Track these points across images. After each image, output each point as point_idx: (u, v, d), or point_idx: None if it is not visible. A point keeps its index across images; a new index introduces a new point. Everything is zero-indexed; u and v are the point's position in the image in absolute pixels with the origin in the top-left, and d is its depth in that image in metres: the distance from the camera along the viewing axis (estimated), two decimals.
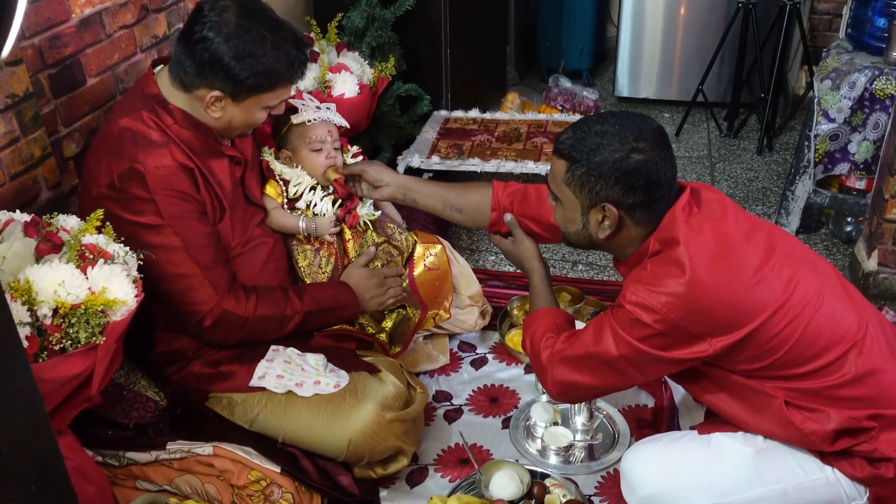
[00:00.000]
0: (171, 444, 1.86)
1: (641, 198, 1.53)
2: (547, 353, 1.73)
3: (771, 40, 3.81)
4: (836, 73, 2.95)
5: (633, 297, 1.53)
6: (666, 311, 1.49)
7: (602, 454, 2.10)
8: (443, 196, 2.07)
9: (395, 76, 3.04)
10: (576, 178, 1.56)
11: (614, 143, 1.52)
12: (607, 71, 4.93)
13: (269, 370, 1.91)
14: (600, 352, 1.60)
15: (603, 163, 1.52)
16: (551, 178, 1.64)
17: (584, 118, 1.62)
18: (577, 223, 1.63)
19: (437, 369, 2.41)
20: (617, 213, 1.55)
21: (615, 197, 1.54)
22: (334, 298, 2.05)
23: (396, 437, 1.90)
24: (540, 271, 1.94)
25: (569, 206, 1.62)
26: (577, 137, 1.56)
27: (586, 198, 1.57)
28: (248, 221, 1.99)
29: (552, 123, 3.35)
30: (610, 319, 1.60)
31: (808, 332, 1.51)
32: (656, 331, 1.52)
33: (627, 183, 1.52)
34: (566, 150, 1.57)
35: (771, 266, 1.52)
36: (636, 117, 1.58)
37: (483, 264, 3.03)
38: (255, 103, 1.80)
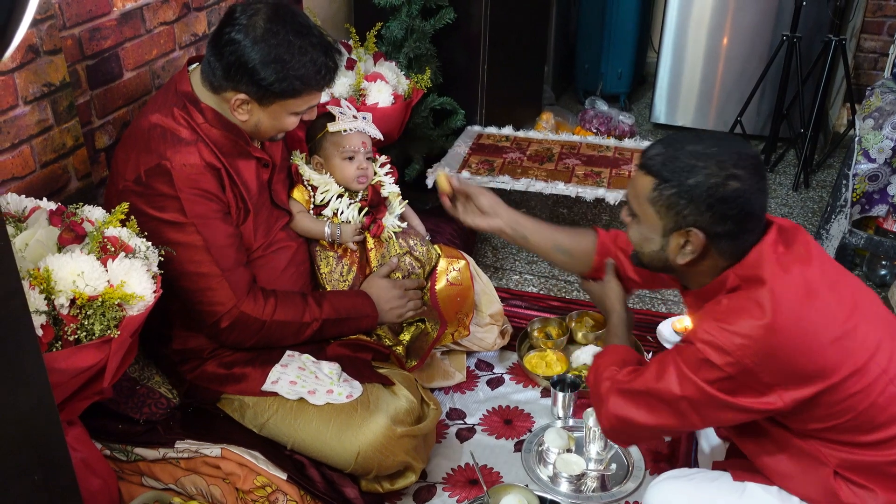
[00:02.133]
0: (179, 442, 1.85)
1: (731, 228, 1.44)
2: (607, 384, 1.62)
3: (814, 75, 3.76)
4: (879, 113, 2.90)
5: (704, 335, 1.42)
6: (740, 353, 1.39)
7: (615, 485, 2.05)
8: (552, 237, 1.95)
9: (431, 89, 3.03)
10: (663, 198, 1.45)
11: (711, 166, 1.41)
12: (645, 96, 4.90)
13: (282, 375, 1.89)
14: (661, 389, 1.49)
15: (697, 186, 1.42)
16: (633, 193, 1.53)
17: (675, 135, 1.51)
18: (654, 244, 1.52)
19: (453, 386, 2.38)
20: (703, 240, 1.45)
21: (704, 223, 1.44)
22: (353, 308, 2.03)
23: (406, 452, 1.88)
24: (620, 314, 1.83)
25: (649, 225, 1.51)
26: (670, 155, 1.45)
27: (671, 220, 1.47)
28: (273, 224, 1.98)
29: (585, 146, 3.32)
30: (675, 356, 1.49)
31: (881, 400, 1.42)
32: (726, 374, 1.41)
33: (720, 211, 1.42)
34: (655, 168, 1.46)
35: (854, 323, 1.42)
36: (734, 141, 1.49)
37: (506, 283, 3.00)
38: (281, 109, 1.79)
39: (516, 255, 3.19)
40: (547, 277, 3.04)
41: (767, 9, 4.04)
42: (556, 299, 2.87)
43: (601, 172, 3.06)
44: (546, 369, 2.43)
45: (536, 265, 3.12)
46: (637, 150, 3.28)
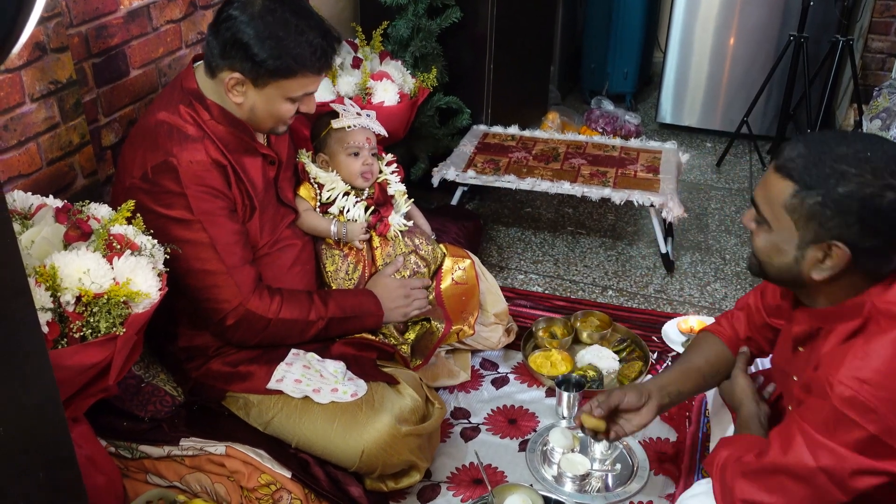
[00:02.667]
0: (184, 440, 1.85)
1: (881, 244, 1.27)
2: (732, 468, 1.43)
3: (821, 76, 3.75)
4: (886, 114, 2.89)
5: (841, 388, 1.23)
6: (885, 409, 1.21)
7: (619, 485, 2.05)
8: (696, 369, 1.77)
9: (437, 88, 3.03)
10: (805, 207, 1.29)
11: (865, 173, 1.24)
12: (651, 96, 4.89)
13: (287, 374, 1.89)
14: (791, 464, 1.30)
15: (848, 196, 1.24)
16: (765, 197, 1.37)
17: (818, 134, 1.32)
18: (787, 256, 1.36)
19: (457, 385, 2.38)
20: (848, 256, 1.28)
21: (850, 237, 1.27)
22: (358, 306, 2.03)
23: (410, 451, 1.87)
24: (749, 409, 1.64)
25: (782, 234, 1.35)
26: (815, 158, 1.28)
27: (811, 231, 1.30)
28: (279, 222, 1.99)
29: (591, 146, 3.32)
30: (799, 422, 1.31)
31: None
32: (868, 433, 1.22)
33: (872, 225, 1.25)
34: (797, 172, 1.30)
35: None
36: (886, 143, 1.30)
37: (511, 283, 3.00)
38: (276, 91, 1.77)
39: (521, 255, 3.19)
40: (552, 277, 3.04)
41: (774, 8, 4.03)
42: (561, 299, 2.87)
43: (607, 172, 3.06)
44: (551, 369, 2.43)
45: (541, 265, 3.12)
46: (643, 150, 3.27)
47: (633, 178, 3.01)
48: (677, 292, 2.96)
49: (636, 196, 2.87)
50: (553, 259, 3.17)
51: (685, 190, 3.75)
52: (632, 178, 3.01)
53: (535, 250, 3.23)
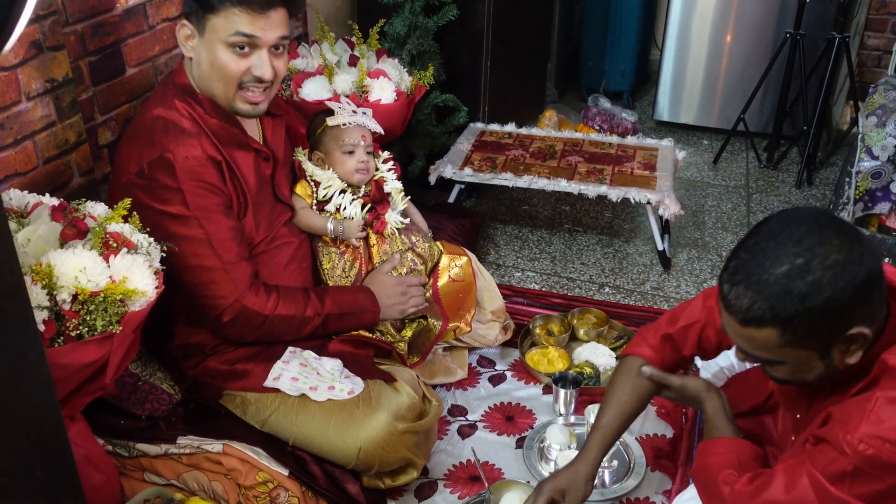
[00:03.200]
0: (181, 438, 1.85)
1: (880, 300, 1.26)
2: (727, 490, 1.43)
3: (817, 73, 3.75)
4: (882, 111, 2.89)
5: (862, 446, 1.22)
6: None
7: (616, 482, 2.05)
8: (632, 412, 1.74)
9: (434, 85, 3.03)
10: (798, 335, 1.25)
11: (820, 271, 1.21)
12: (648, 94, 4.89)
13: (284, 372, 1.90)
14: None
15: (831, 300, 1.20)
16: (756, 348, 1.31)
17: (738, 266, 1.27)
18: (816, 369, 1.31)
19: (454, 383, 2.38)
20: (868, 332, 1.25)
21: (857, 319, 1.24)
22: (355, 303, 2.03)
23: (408, 448, 1.88)
24: (712, 402, 1.66)
25: (800, 362, 1.30)
26: (769, 297, 1.23)
27: (821, 343, 1.26)
28: (275, 219, 1.99)
29: (588, 143, 3.32)
30: (809, 467, 1.30)
31: None
32: (887, 486, 1.22)
33: (866, 295, 1.22)
34: (767, 318, 1.24)
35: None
36: (799, 223, 1.26)
37: (508, 280, 3.00)
38: (212, 34, 1.72)
39: (518, 253, 3.19)
40: (549, 275, 3.04)
41: (771, 5, 4.03)
42: (558, 296, 2.87)
43: (604, 170, 3.06)
44: (548, 366, 2.43)
45: (538, 262, 3.12)
46: (640, 148, 3.28)
47: (629, 176, 3.01)
48: (674, 289, 2.96)
49: (633, 193, 2.87)
50: (550, 256, 3.17)
51: (682, 187, 3.76)
52: (628, 176, 3.01)
53: (532, 248, 3.23)
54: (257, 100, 1.81)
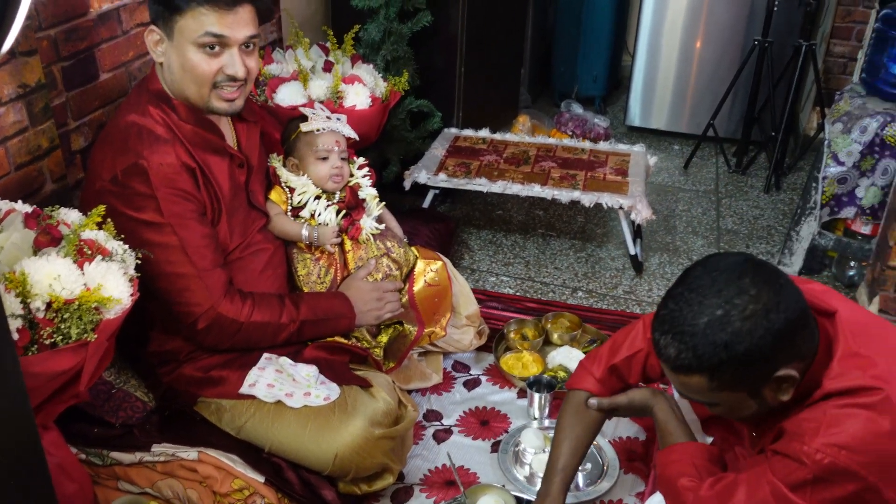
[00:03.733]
0: (156, 446, 1.84)
1: (807, 338, 1.32)
2: (690, 497, 1.47)
3: (784, 80, 3.81)
4: (847, 117, 2.95)
5: (819, 455, 1.26)
6: (866, 471, 1.24)
7: (590, 484, 2.07)
8: (586, 445, 1.81)
9: (408, 91, 3.04)
10: (726, 381, 1.31)
11: (739, 322, 1.27)
12: (620, 100, 4.94)
13: (260, 378, 1.90)
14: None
15: (752, 350, 1.27)
16: (692, 392, 1.37)
17: (665, 316, 1.33)
18: (751, 408, 1.38)
19: (430, 388, 2.39)
20: (796, 373, 1.31)
21: (788, 359, 1.30)
22: (330, 309, 2.04)
23: (384, 453, 1.88)
24: (660, 406, 1.72)
25: (734, 403, 1.37)
26: (694, 345, 1.29)
27: (751, 384, 1.33)
28: (249, 226, 1.98)
29: (561, 148, 3.35)
30: (770, 477, 1.33)
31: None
32: (847, 492, 1.26)
33: (787, 340, 1.28)
34: (694, 365, 1.30)
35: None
36: (719, 274, 1.32)
37: (483, 285, 3.02)
38: (181, 37, 1.72)
39: (493, 258, 3.21)
40: (523, 279, 3.06)
41: (740, 13, 4.10)
42: (532, 301, 2.89)
43: (576, 175, 3.09)
44: (522, 370, 2.45)
45: (512, 267, 3.15)
46: (612, 153, 3.31)
47: (602, 181, 3.04)
48: (646, 293, 3.00)
49: (605, 198, 2.90)
50: (524, 261, 3.19)
51: (653, 192, 3.80)
52: (601, 181, 3.04)
53: (506, 252, 3.26)
54: (233, 97, 1.81)
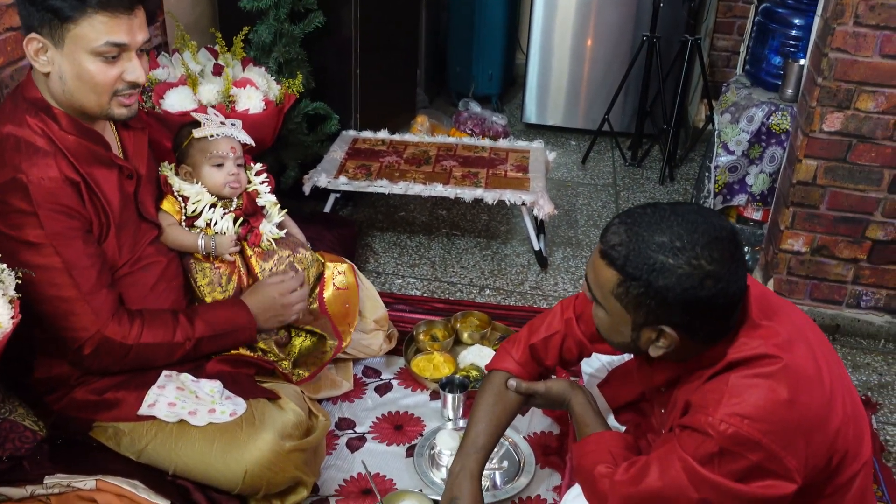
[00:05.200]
0: (48, 477, 1.72)
1: (710, 322, 1.31)
2: (606, 483, 1.46)
3: (673, 74, 3.94)
4: (735, 108, 3.06)
5: (723, 426, 1.27)
6: (768, 440, 1.25)
7: (507, 482, 2.06)
8: (503, 424, 1.79)
9: (303, 94, 2.98)
10: (630, 296, 1.31)
11: (682, 264, 1.26)
12: (516, 97, 4.99)
13: (160, 397, 1.80)
14: (671, 493, 1.34)
15: (668, 289, 1.27)
16: (595, 282, 1.38)
17: (637, 216, 1.33)
18: (624, 336, 1.39)
19: (340, 396, 2.33)
20: (677, 337, 1.33)
21: (678, 322, 1.31)
22: (229, 321, 1.94)
23: (296, 467, 1.82)
24: (577, 399, 1.72)
25: (616, 318, 1.37)
26: (634, 248, 1.29)
27: (640, 316, 1.33)
28: (140, 239, 1.88)
29: (462, 147, 3.35)
30: (680, 452, 1.33)
31: (849, 443, 1.35)
32: (751, 462, 1.27)
33: (695, 311, 1.29)
34: (619, 262, 1.31)
35: (826, 369, 1.34)
36: (706, 221, 1.30)
37: (389, 287, 2.98)
38: (75, 46, 1.59)
39: (398, 259, 3.17)
40: (430, 280, 3.04)
41: (628, 10, 4.21)
42: (440, 301, 2.87)
43: (478, 173, 3.09)
44: (434, 372, 2.43)
45: (418, 268, 3.12)
46: (512, 150, 3.33)
47: (503, 178, 3.06)
48: (552, 287, 3.02)
49: (508, 195, 2.91)
50: (429, 262, 3.17)
51: (553, 188, 3.85)
52: (503, 178, 3.06)
53: (411, 254, 3.23)
54: (131, 102, 1.71)
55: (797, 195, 2.64)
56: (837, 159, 2.55)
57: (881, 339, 2.76)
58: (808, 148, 2.56)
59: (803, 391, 1.29)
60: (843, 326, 2.78)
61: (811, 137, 2.55)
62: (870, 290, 2.73)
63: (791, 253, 2.73)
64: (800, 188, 2.63)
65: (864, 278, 2.71)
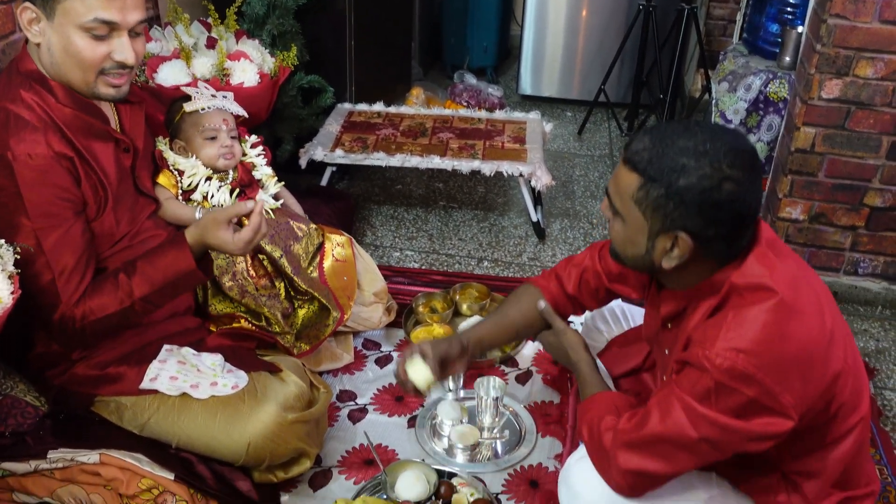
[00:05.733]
0: (52, 452, 1.72)
1: (723, 232, 1.33)
2: (609, 436, 1.47)
3: (669, 43, 3.91)
4: (732, 76, 3.04)
5: (720, 360, 1.29)
6: (762, 374, 1.27)
7: (508, 451, 2.07)
8: (510, 323, 1.89)
9: (298, 67, 2.94)
10: (650, 199, 1.33)
11: (704, 166, 1.28)
12: (511, 69, 4.96)
13: (161, 371, 1.80)
14: (673, 434, 1.36)
15: (688, 189, 1.29)
16: (615, 190, 1.40)
17: (664, 126, 1.37)
18: (639, 246, 1.41)
19: (341, 368, 2.34)
20: (691, 245, 1.34)
21: (693, 228, 1.32)
22: (169, 269, 1.70)
23: (299, 438, 1.82)
24: (587, 360, 1.77)
25: (633, 226, 1.39)
26: (657, 151, 1.32)
27: (658, 222, 1.35)
28: (138, 213, 1.86)
29: (458, 119, 3.33)
30: (678, 393, 1.35)
31: (847, 395, 1.39)
32: (747, 398, 1.29)
33: (712, 215, 1.30)
34: (642, 165, 1.33)
35: (830, 318, 1.36)
36: (730, 134, 1.34)
37: (387, 261, 2.98)
38: (64, 18, 1.56)
39: (395, 233, 3.17)
40: (427, 252, 3.04)
41: None
42: (438, 273, 2.87)
43: (475, 145, 3.08)
44: None
45: (416, 241, 3.11)
46: (508, 122, 3.32)
47: (500, 150, 3.04)
48: (550, 258, 3.02)
49: (505, 167, 2.90)
50: (427, 234, 3.16)
51: (550, 159, 3.84)
52: (500, 150, 3.04)
53: (408, 227, 3.22)
54: (120, 82, 1.68)
55: (795, 163, 2.63)
56: (836, 126, 2.55)
57: (878, 306, 2.77)
58: (806, 115, 2.56)
59: (801, 327, 1.30)
60: (840, 293, 2.78)
61: (809, 105, 2.53)
62: (868, 257, 2.73)
63: (789, 221, 2.73)
64: (798, 156, 2.62)
65: (861, 245, 2.72)
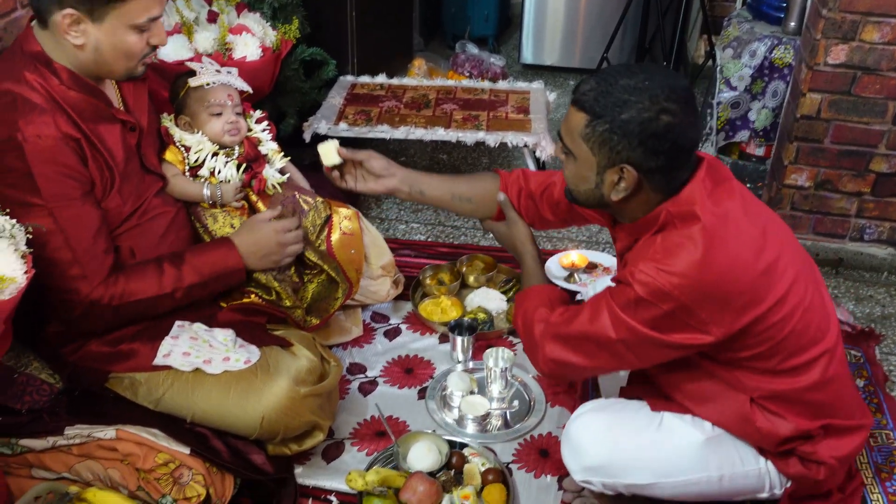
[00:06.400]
0: (69, 428, 1.74)
1: (664, 162, 1.44)
2: (540, 327, 1.64)
3: (672, 9, 3.88)
4: (737, 42, 3.02)
5: (641, 275, 1.44)
6: (678, 292, 1.41)
7: (518, 421, 2.10)
8: (450, 187, 1.98)
9: (299, 40, 2.92)
10: (596, 134, 1.44)
11: (644, 100, 1.40)
12: (512, 38, 4.92)
13: (174, 347, 1.81)
14: (596, 333, 1.53)
15: (629, 122, 1.40)
16: (566, 130, 1.51)
17: (608, 69, 1.49)
18: (589, 182, 1.52)
19: (351, 341, 2.36)
20: (636, 176, 1.45)
21: (637, 159, 1.44)
22: (218, 264, 1.88)
23: (311, 411, 1.84)
24: (533, 253, 1.89)
25: (583, 162, 1.50)
26: (602, 90, 1.43)
27: (605, 156, 1.46)
28: (144, 191, 1.86)
29: (461, 90, 3.31)
30: (608, 300, 1.51)
31: (798, 327, 1.50)
32: (662, 311, 1.44)
33: (652, 146, 1.41)
34: (588, 103, 1.45)
35: (773, 254, 1.47)
36: (666, 73, 1.47)
37: (393, 233, 2.98)
38: (118, 21, 1.61)
39: (401, 206, 3.17)
40: (433, 224, 3.04)
41: None
42: (444, 245, 2.88)
43: (479, 115, 3.06)
44: (442, 315, 2.44)
45: (422, 213, 3.11)
46: (512, 92, 3.30)
47: (504, 120, 3.03)
48: (555, 229, 3.02)
49: (510, 137, 2.89)
50: (432, 207, 3.16)
51: (554, 128, 3.81)
52: (504, 120, 3.03)
53: None
54: (150, 61, 1.79)
55: (801, 129, 2.62)
56: (842, 92, 2.54)
57: (884, 272, 2.78)
58: (812, 81, 2.54)
59: (722, 253, 1.42)
60: (846, 260, 2.79)
61: (815, 70, 2.52)
62: (873, 223, 2.74)
63: (795, 188, 2.73)
64: (803, 122, 2.61)
65: (867, 211, 2.72)
